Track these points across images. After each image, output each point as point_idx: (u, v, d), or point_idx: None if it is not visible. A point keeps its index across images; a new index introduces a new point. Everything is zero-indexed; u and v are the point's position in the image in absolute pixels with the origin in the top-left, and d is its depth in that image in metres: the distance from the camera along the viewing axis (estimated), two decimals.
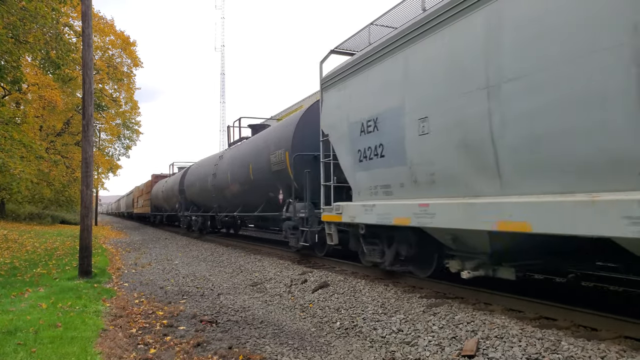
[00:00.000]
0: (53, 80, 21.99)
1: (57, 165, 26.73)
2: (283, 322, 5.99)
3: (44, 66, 15.97)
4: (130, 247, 17.93)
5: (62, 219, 33.84)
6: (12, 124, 17.89)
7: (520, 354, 3.92)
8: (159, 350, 4.85)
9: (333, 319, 5.88)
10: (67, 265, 10.76)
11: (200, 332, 5.55)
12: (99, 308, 6.43)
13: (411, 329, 5.00)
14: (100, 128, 32.80)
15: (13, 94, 20.76)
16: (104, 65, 29.00)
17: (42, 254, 13.47)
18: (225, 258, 12.32)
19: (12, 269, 10.04)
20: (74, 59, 15.63)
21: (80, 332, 5.09)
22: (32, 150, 18.65)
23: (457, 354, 4.19)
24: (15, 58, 13.87)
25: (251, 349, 4.86)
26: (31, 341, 4.66)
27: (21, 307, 6.17)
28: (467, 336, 4.49)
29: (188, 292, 8.28)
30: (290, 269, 9.29)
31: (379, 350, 4.63)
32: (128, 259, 13.80)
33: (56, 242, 17.31)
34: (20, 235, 19.27)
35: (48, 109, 26.19)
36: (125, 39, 32.00)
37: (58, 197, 34.09)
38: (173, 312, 6.56)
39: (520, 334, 4.28)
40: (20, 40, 13.75)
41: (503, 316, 4.88)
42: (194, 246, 16.35)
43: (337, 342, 5.06)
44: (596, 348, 3.79)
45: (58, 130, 31.53)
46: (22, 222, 29.01)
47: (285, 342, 5.10)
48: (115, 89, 33.61)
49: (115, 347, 4.75)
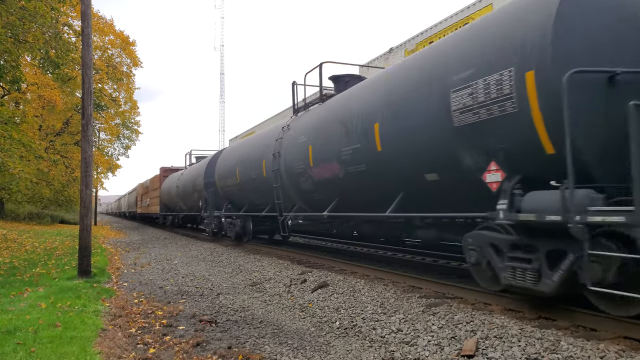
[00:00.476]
0: (52, 80, 21.97)
1: (57, 165, 26.71)
2: (282, 321, 5.99)
3: (44, 66, 15.97)
4: (130, 247, 17.93)
5: (61, 219, 33.81)
6: (12, 123, 17.86)
7: (519, 353, 3.92)
8: (159, 350, 4.85)
9: (332, 318, 5.88)
10: (67, 265, 10.75)
11: (199, 332, 5.55)
12: (98, 308, 6.43)
13: (410, 328, 5.00)
14: (99, 128, 32.76)
15: (12, 94, 20.75)
16: (103, 65, 28.97)
17: (41, 253, 13.46)
18: (225, 258, 12.32)
19: (12, 269, 10.04)
20: (74, 59, 15.62)
21: (80, 331, 5.09)
22: (31, 150, 18.63)
23: (456, 354, 4.19)
24: (15, 57, 13.86)
25: (250, 349, 4.86)
26: (30, 341, 4.66)
27: (20, 307, 6.16)
28: (467, 336, 4.49)
29: (187, 291, 8.27)
30: (289, 269, 9.29)
31: (379, 350, 4.63)
32: (127, 259, 13.79)
33: (55, 242, 17.31)
34: (20, 235, 19.25)
35: (47, 109, 26.15)
36: (125, 39, 31.98)
37: (57, 196, 34.04)
38: (172, 312, 6.55)
39: (520, 333, 4.29)
40: (20, 40, 13.74)
41: (502, 316, 4.88)
42: (193, 246, 16.34)
43: (336, 341, 5.06)
44: (595, 348, 3.79)
45: (57, 130, 31.50)
46: (22, 221, 28.98)
47: (285, 341, 5.10)
48: (115, 88, 33.58)
49: (114, 347, 4.75)
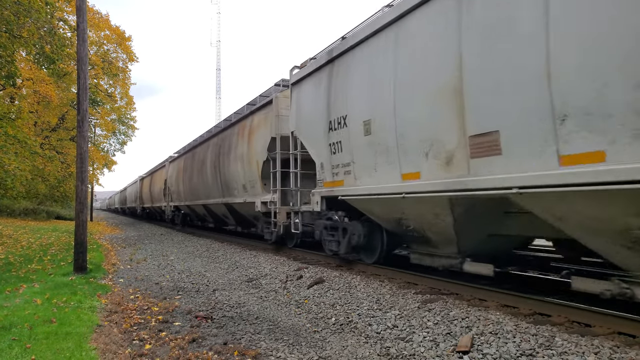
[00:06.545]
0: (48, 75, 21.84)
1: (52, 161, 26.57)
2: (278, 318, 5.99)
3: (39, 61, 15.88)
4: (126, 243, 17.89)
5: (57, 215, 33.71)
6: (7, 119, 17.78)
7: (514, 349, 3.94)
8: (154, 346, 4.84)
9: (328, 314, 5.89)
10: (62, 261, 10.72)
11: (195, 328, 5.55)
12: (94, 304, 6.42)
13: (406, 324, 5.01)
14: (95, 123, 32.63)
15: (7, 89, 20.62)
16: (99, 61, 28.81)
17: (37, 249, 13.42)
18: (221, 254, 12.31)
19: (7, 265, 10.00)
20: (69, 54, 15.55)
21: (75, 327, 5.08)
22: (26, 146, 18.53)
23: (451, 350, 4.20)
24: (10, 52, 13.77)
25: (246, 345, 4.86)
26: (26, 337, 4.65)
27: (16, 303, 6.15)
28: (462, 332, 4.51)
29: (183, 288, 8.27)
30: (285, 265, 9.30)
31: (374, 346, 4.65)
32: (123, 255, 13.77)
33: (51, 238, 17.25)
34: (15, 231, 19.17)
35: (43, 104, 26.00)
36: (121, 34, 31.77)
37: (53, 192, 33.87)
38: (168, 308, 6.55)
39: (515, 329, 4.30)
40: (15, 35, 13.64)
41: (498, 312, 4.90)
42: (190, 242, 16.33)
43: (332, 337, 5.07)
44: (590, 344, 3.81)
45: (53, 126, 31.33)
46: (17, 217, 28.87)
47: (281, 337, 5.11)
48: (111, 84, 33.41)
49: (110, 343, 4.75)
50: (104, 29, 30.39)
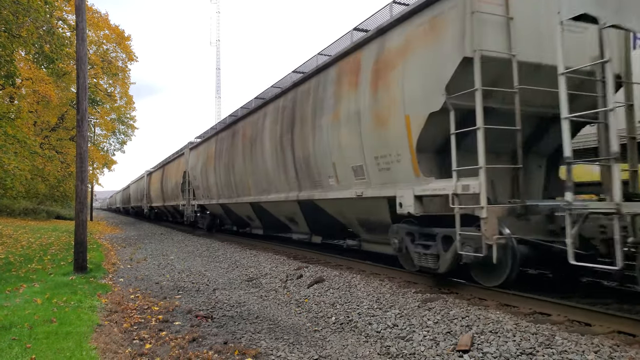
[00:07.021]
0: (47, 75, 21.82)
1: (52, 161, 26.56)
2: (278, 317, 6.00)
3: (38, 60, 15.87)
4: (126, 243, 17.89)
5: (57, 214, 33.67)
6: (6, 119, 17.76)
7: (514, 348, 3.94)
8: (154, 346, 4.84)
9: (328, 314, 5.89)
10: (62, 261, 10.72)
11: (195, 328, 5.55)
12: (94, 303, 6.42)
13: (406, 324, 5.02)
14: (94, 123, 32.58)
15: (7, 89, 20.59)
16: (98, 60, 28.80)
17: (37, 249, 13.42)
18: (221, 253, 12.32)
19: (7, 264, 10.00)
20: (68, 53, 15.53)
21: (76, 327, 5.08)
22: (26, 146, 18.51)
23: (451, 349, 4.20)
24: (9, 52, 13.75)
25: (246, 344, 4.86)
26: (26, 336, 4.65)
27: (16, 303, 6.15)
28: (462, 331, 4.51)
29: (183, 287, 8.27)
30: (285, 264, 9.30)
31: (374, 345, 4.65)
32: (123, 255, 13.77)
33: (51, 238, 17.25)
34: (15, 231, 19.17)
35: (42, 104, 25.98)
36: (120, 34, 31.75)
37: (53, 192, 33.85)
38: (168, 308, 6.55)
39: (515, 328, 4.31)
40: (14, 34, 13.62)
41: (498, 311, 4.90)
42: (190, 241, 16.33)
43: (332, 337, 5.07)
44: (590, 343, 3.82)
45: (52, 125, 31.31)
46: (17, 217, 28.85)
47: (281, 337, 5.11)
48: (110, 83, 33.42)
49: (110, 342, 4.75)
50: (103, 28, 30.37)
